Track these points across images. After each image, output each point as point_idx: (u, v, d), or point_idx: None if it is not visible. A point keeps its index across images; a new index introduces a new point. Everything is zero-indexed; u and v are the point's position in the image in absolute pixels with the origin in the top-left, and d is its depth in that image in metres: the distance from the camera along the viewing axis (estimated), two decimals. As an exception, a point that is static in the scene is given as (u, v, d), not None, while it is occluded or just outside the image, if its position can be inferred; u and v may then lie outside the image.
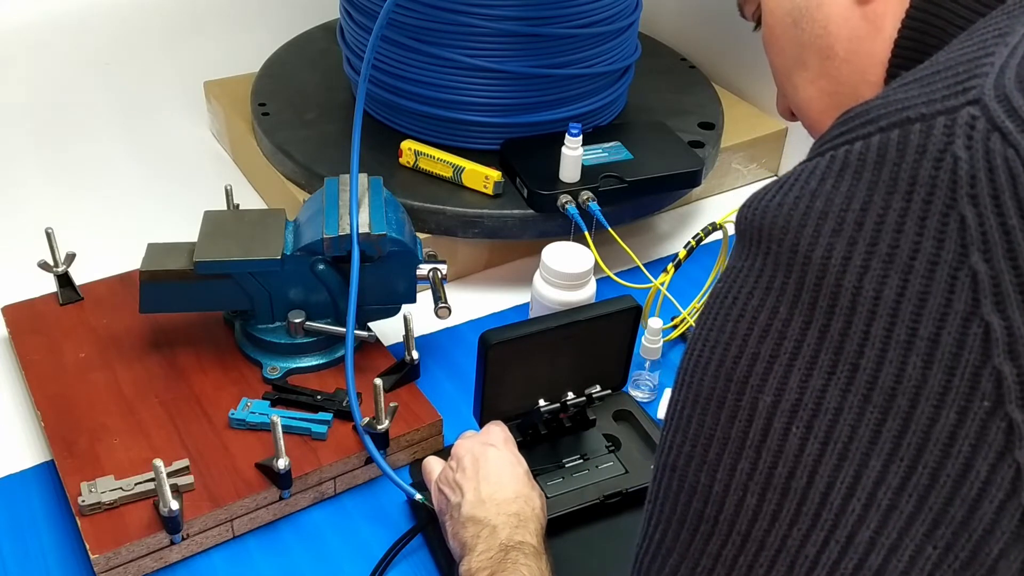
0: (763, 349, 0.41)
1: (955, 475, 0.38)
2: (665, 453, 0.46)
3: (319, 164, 1.11)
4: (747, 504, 0.41)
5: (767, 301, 0.42)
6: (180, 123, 1.40)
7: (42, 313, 0.97)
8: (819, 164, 0.42)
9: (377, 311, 0.93)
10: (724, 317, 0.43)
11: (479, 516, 0.69)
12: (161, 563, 0.78)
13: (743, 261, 0.44)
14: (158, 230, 0.95)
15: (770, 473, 0.41)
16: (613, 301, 0.85)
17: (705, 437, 0.43)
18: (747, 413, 0.42)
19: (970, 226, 0.37)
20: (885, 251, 0.39)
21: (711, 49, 1.42)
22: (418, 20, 1.05)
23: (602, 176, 1.06)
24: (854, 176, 0.40)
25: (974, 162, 0.38)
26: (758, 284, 0.42)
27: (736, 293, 0.43)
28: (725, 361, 0.43)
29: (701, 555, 0.43)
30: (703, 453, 0.43)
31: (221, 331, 0.95)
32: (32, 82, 1.42)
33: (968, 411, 0.37)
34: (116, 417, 0.86)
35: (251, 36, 1.45)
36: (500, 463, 0.74)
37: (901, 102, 0.41)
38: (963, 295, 0.37)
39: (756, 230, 0.43)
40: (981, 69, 0.40)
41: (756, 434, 0.41)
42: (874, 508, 0.39)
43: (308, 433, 0.84)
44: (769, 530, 0.41)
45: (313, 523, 0.83)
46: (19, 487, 0.85)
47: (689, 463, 0.44)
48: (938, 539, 0.38)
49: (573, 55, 1.10)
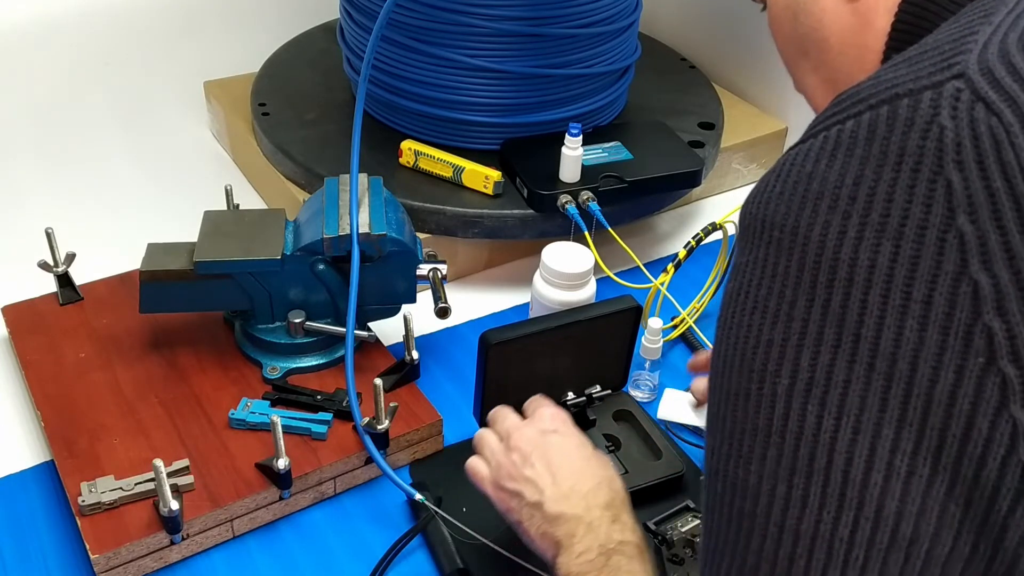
0: (775, 335, 0.43)
1: (960, 434, 0.39)
2: (709, 457, 0.46)
3: (319, 164, 1.11)
4: (779, 493, 0.42)
5: (774, 287, 0.43)
6: (180, 123, 1.40)
7: (42, 313, 0.97)
8: (813, 145, 0.44)
9: (377, 311, 0.93)
10: (740, 312, 0.45)
11: (568, 512, 0.66)
12: (161, 563, 0.77)
13: (748, 255, 0.45)
14: (158, 230, 0.95)
15: (794, 456, 0.42)
16: (613, 301, 0.85)
17: (739, 432, 0.44)
18: (769, 400, 0.43)
19: (956, 190, 0.39)
20: (877, 220, 0.40)
21: (711, 49, 1.42)
22: (418, 20, 1.05)
23: (602, 176, 1.06)
24: (846, 153, 0.42)
25: (959, 130, 0.39)
26: (764, 273, 0.44)
27: (747, 287, 0.45)
28: (746, 354, 0.44)
29: (747, 552, 0.43)
30: (738, 448, 0.44)
31: (221, 331, 0.95)
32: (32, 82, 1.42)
33: (964, 369, 0.39)
34: (116, 417, 0.86)
35: (251, 36, 1.45)
36: (568, 450, 0.70)
37: (890, 81, 0.42)
38: (952, 256, 0.39)
39: (760, 222, 0.44)
40: (965, 46, 0.42)
41: (778, 419, 0.42)
42: (895, 477, 0.40)
43: (308, 433, 0.84)
44: (801, 517, 0.41)
45: (313, 523, 0.83)
46: (19, 487, 0.85)
47: (728, 461, 0.44)
48: (957, 497, 0.39)
49: (573, 55, 1.10)
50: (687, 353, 1.02)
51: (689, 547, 0.76)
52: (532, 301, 0.96)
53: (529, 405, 0.77)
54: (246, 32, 1.50)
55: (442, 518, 0.79)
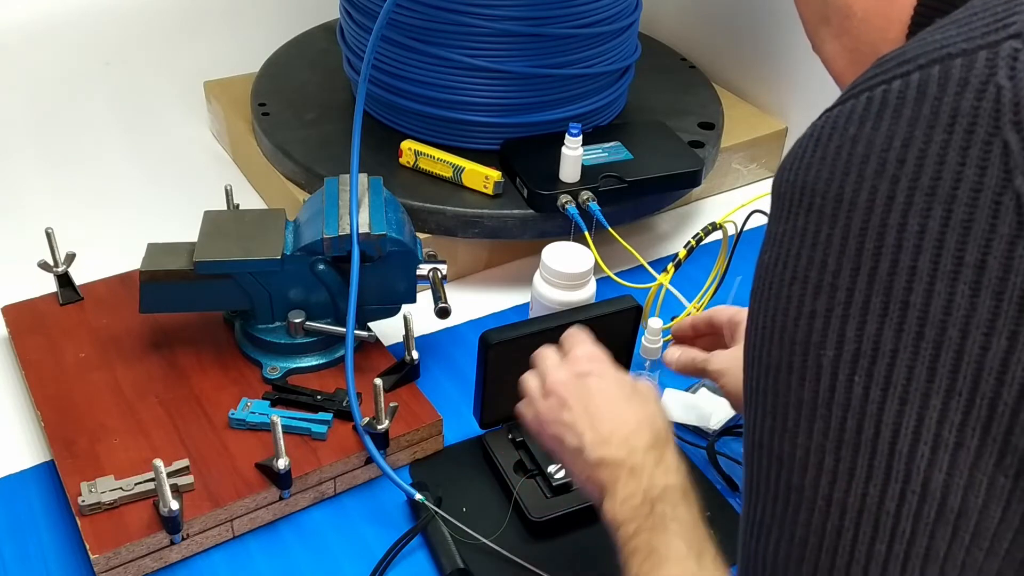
0: (818, 305, 0.42)
1: (1012, 403, 0.38)
2: (750, 431, 0.46)
3: (319, 164, 1.11)
4: (826, 466, 0.41)
5: (815, 256, 0.42)
6: (180, 123, 1.40)
7: (42, 313, 0.97)
8: (855, 107, 0.42)
9: (377, 311, 0.93)
10: (778, 284, 0.44)
11: (609, 457, 0.64)
12: (161, 563, 0.77)
13: (785, 224, 0.44)
14: (158, 230, 0.95)
15: (841, 428, 0.41)
16: (613, 301, 0.85)
17: (782, 406, 0.43)
18: (814, 372, 0.42)
19: (1013, 151, 0.38)
20: (928, 184, 0.39)
21: (711, 49, 1.42)
22: (418, 20, 1.05)
23: (602, 176, 1.06)
24: (894, 114, 0.41)
25: (1018, 90, 0.38)
26: (804, 242, 0.42)
27: (785, 257, 0.43)
28: (787, 326, 0.43)
29: (795, 525, 0.43)
30: (783, 422, 0.43)
31: (221, 331, 0.95)
32: (32, 82, 1.42)
33: (1018, 335, 0.38)
34: (116, 417, 0.86)
35: (251, 36, 1.45)
36: (607, 391, 0.68)
37: (939, 41, 0.41)
38: (1007, 218, 0.38)
39: (798, 189, 0.43)
40: (1020, 7, 0.40)
41: (824, 391, 0.41)
42: (942, 449, 0.39)
43: (308, 433, 0.84)
44: (848, 489, 0.41)
45: (313, 523, 0.83)
46: (19, 487, 0.85)
47: (773, 435, 0.44)
48: (1007, 468, 0.39)
49: (573, 55, 1.10)
50: (687, 353, 1.02)
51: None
52: (532, 301, 0.96)
53: (566, 340, 0.73)
54: (246, 32, 1.50)
55: (442, 518, 0.79)
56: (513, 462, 0.85)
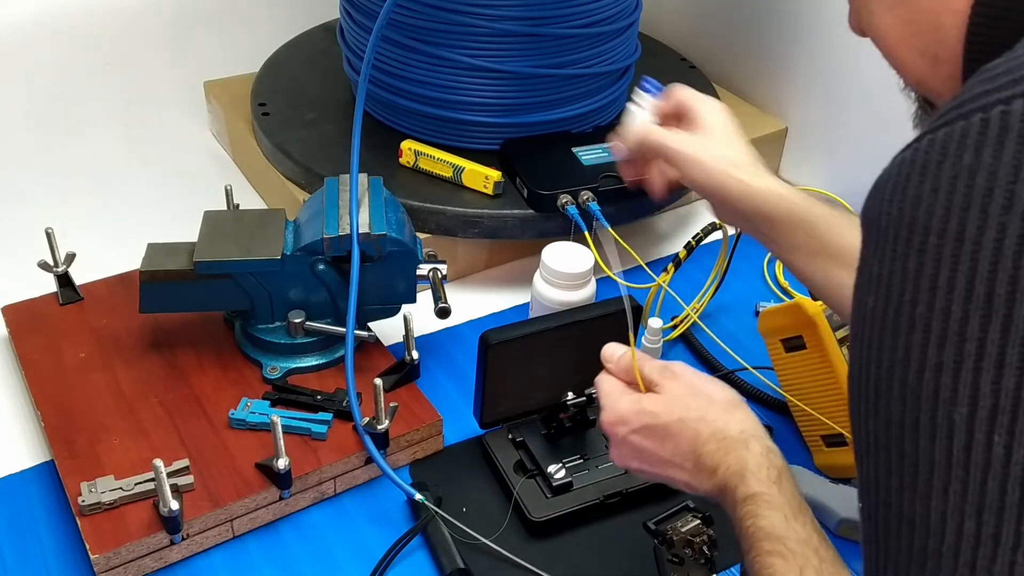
0: (945, 357, 0.38)
1: None
2: (873, 491, 0.42)
3: (319, 164, 1.11)
4: (967, 531, 0.37)
5: (935, 303, 0.38)
6: (180, 123, 1.40)
7: (42, 313, 0.97)
8: (968, 130, 0.37)
9: (377, 311, 0.93)
10: (892, 333, 0.40)
11: (714, 485, 0.62)
12: (161, 563, 0.78)
13: (892, 265, 0.40)
14: (158, 230, 0.95)
15: (981, 491, 0.37)
16: (613, 301, 0.85)
17: (910, 465, 0.39)
18: (946, 431, 0.38)
19: None
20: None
21: (711, 49, 1.42)
22: (418, 20, 1.05)
23: (602, 176, 1.06)
24: (1018, 140, 0.36)
25: None
26: (920, 286, 0.38)
27: (897, 304, 0.39)
28: (908, 380, 0.39)
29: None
30: (912, 482, 0.39)
31: (221, 331, 0.95)
32: (32, 82, 1.42)
33: None
34: (116, 417, 0.86)
35: (251, 36, 1.45)
36: (651, 446, 0.66)
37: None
38: None
39: (907, 226, 0.39)
40: None
41: (959, 451, 0.37)
42: None
43: (308, 433, 0.84)
44: (993, 557, 0.37)
45: (313, 523, 0.83)
46: (19, 487, 0.85)
47: (901, 495, 0.40)
48: None
49: (573, 55, 1.10)
50: (687, 353, 1.02)
51: (689, 547, 0.76)
52: (532, 301, 0.96)
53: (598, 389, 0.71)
54: (246, 32, 1.50)
55: (442, 518, 0.79)
56: (513, 462, 0.85)
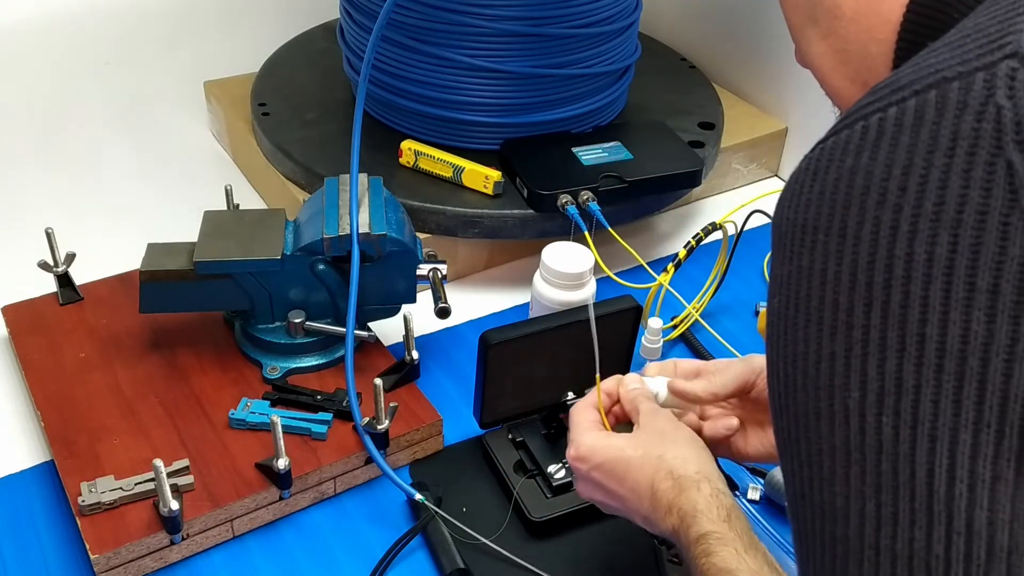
0: (836, 346, 0.40)
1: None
2: (789, 483, 0.44)
3: (319, 164, 1.11)
4: (868, 512, 0.40)
5: (826, 296, 0.41)
6: (180, 123, 1.40)
7: (42, 313, 0.97)
8: (850, 137, 0.41)
9: (377, 311, 0.93)
10: (793, 328, 0.42)
11: (671, 526, 0.62)
12: (161, 563, 0.77)
13: (790, 265, 0.43)
14: (158, 230, 0.95)
15: (877, 472, 0.39)
16: (613, 301, 0.85)
17: (816, 454, 0.42)
18: (842, 417, 0.40)
19: (1018, 171, 0.37)
20: (931, 210, 0.38)
21: (711, 49, 1.42)
22: (418, 20, 1.05)
23: (602, 176, 1.06)
24: (891, 143, 0.39)
25: (1018, 109, 0.37)
26: (812, 282, 0.41)
27: (795, 299, 0.42)
28: (808, 371, 0.42)
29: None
30: (819, 471, 0.42)
31: (221, 331, 0.95)
32: (32, 82, 1.42)
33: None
34: (116, 417, 0.85)
35: (251, 36, 1.45)
36: (597, 481, 0.68)
37: (933, 66, 0.40)
38: (1018, 239, 0.37)
39: (800, 227, 0.42)
40: (1015, 26, 0.39)
41: (855, 435, 0.40)
42: (979, 485, 0.38)
43: (308, 433, 0.84)
44: (895, 535, 0.39)
45: (313, 523, 0.83)
46: (19, 487, 0.85)
47: (812, 485, 0.42)
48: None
49: (573, 55, 1.10)
50: (687, 353, 1.02)
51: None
52: (532, 301, 0.96)
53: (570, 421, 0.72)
54: (246, 32, 1.50)
55: (442, 518, 0.79)
56: (513, 462, 0.85)
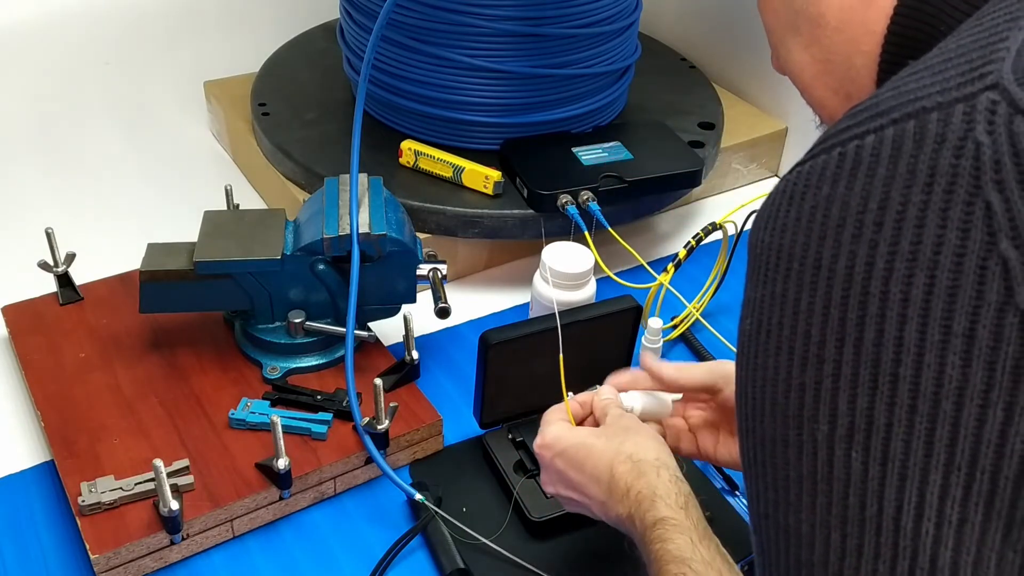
0: (807, 378, 0.40)
1: (1013, 477, 0.36)
2: (754, 501, 0.44)
3: (319, 164, 1.11)
4: (833, 542, 0.40)
5: (798, 326, 0.40)
6: (180, 123, 1.40)
7: (42, 313, 0.97)
8: (828, 163, 0.40)
9: (377, 311, 0.93)
10: (763, 354, 0.42)
11: (623, 513, 0.64)
12: (161, 563, 0.78)
13: (764, 289, 0.42)
14: (158, 230, 0.95)
15: (844, 505, 0.39)
16: (613, 301, 0.85)
17: (782, 479, 0.42)
18: (811, 447, 0.40)
19: (996, 212, 0.36)
20: (908, 249, 0.37)
21: (711, 49, 1.42)
22: (418, 20, 1.05)
23: (602, 176, 1.06)
24: (867, 173, 0.39)
25: (997, 146, 0.36)
26: (784, 310, 0.41)
27: (767, 325, 0.42)
28: (777, 399, 0.41)
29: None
30: (786, 496, 0.42)
31: (221, 331, 0.95)
32: (32, 82, 1.42)
33: (1014, 407, 0.36)
34: (116, 417, 0.85)
35: (251, 36, 1.45)
36: (559, 469, 0.69)
37: (913, 92, 0.39)
38: (994, 285, 0.36)
39: (775, 252, 0.41)
40: (996, 54, 0.39)
41: (823, 466, 0.40)
42: (946, 525, 0.37)
43: (308, 433, 0.84)
44: (858, 566, 0.39)
45: (313, 523, 0.83)
46: (19, 487, 0.85)
47: (778, 508, 0.42)
48: (1014, 543, 0.37)
49: (573, 55, 1.10)
50: (687, 353, 1.02)
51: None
52: (532, 301, 0.96)
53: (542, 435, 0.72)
54: (246, 32, 1.50)
55: (442, 518, 0.79)
56: (513, 462, 0.85)
